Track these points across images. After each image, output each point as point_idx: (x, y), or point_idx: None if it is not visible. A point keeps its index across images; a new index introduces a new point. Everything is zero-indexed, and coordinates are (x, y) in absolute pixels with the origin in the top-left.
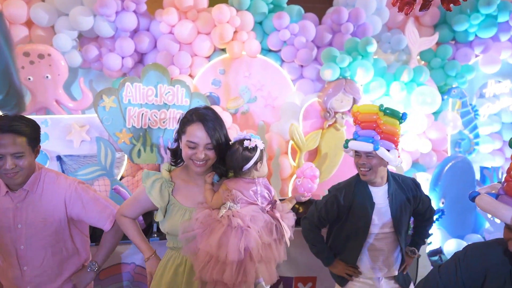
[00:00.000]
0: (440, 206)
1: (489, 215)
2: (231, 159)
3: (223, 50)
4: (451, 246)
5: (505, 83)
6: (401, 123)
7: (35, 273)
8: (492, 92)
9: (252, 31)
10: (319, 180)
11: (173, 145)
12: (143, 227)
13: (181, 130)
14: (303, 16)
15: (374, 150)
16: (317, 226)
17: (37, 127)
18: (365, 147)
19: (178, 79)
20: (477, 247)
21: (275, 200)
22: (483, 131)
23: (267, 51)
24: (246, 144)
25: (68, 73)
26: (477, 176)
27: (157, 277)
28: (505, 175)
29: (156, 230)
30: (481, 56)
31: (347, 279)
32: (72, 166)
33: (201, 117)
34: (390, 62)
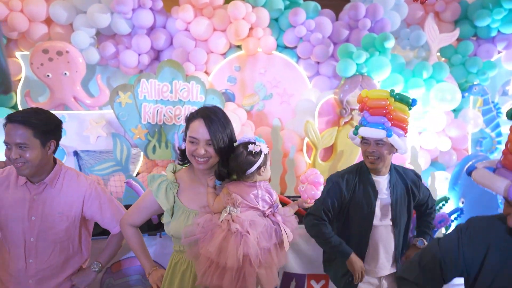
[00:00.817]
0: (459, 205)
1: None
2: (235, 162)
3: (239, 47)
4: None
5: None
6: (410, 109)
7: (40, 267)
8: None
9: (268, 27)
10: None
11: (182, 145)
12: (156, 222)
13: (186, 127)
14: (320, 12)
15: (387, 137)
16: (323, 219)
17: (51, 121)
18: (377, 133)
19: (193, 75)
20: (481, 219)
21: (277, 204)
22: (506, 130)
23: (283, 48)
24: (250, 148)
25: (85, 70)
26: None
27: (165, 284)
28: (503, 148)
29: None
30: (504, 52)
31: (350, 285)
32: (88, 161)
33: (204, 114)
34: (409, 59)
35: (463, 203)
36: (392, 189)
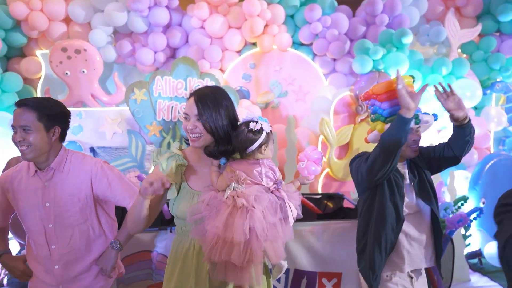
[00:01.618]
0: (480, 205)
1: None
2: (236, 140)
3: (254, 44)
4: (492, 248)
5: None
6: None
7: (62, 252)
8: None
9: (283, 24)
10: (345, 175)
11: None
12: (169, 217)
13: None
14: (336, 8)
15: (435, 120)
16: None
17: (56, 107)
18: (430, 118)
19: (207, 72)
20: None
21: (280, 180)
22: None
23: (298, 45)
24: (251, 126)
25: (103, 68)
26: None
27: (170, 265)
28: None
29: None
30: None
31: (378, 280)
32: (104, 157)
33: (196, 92)
34: (429, 55)
35: (483, 203)
36: (412, 173)
